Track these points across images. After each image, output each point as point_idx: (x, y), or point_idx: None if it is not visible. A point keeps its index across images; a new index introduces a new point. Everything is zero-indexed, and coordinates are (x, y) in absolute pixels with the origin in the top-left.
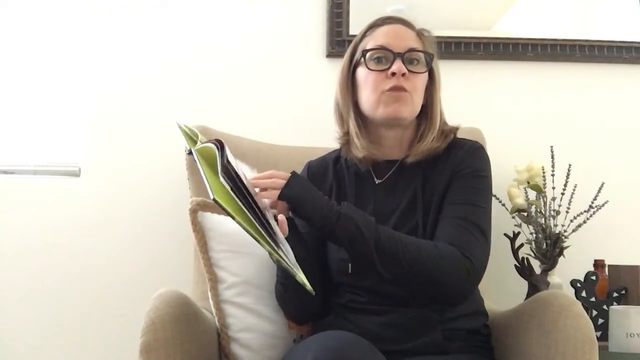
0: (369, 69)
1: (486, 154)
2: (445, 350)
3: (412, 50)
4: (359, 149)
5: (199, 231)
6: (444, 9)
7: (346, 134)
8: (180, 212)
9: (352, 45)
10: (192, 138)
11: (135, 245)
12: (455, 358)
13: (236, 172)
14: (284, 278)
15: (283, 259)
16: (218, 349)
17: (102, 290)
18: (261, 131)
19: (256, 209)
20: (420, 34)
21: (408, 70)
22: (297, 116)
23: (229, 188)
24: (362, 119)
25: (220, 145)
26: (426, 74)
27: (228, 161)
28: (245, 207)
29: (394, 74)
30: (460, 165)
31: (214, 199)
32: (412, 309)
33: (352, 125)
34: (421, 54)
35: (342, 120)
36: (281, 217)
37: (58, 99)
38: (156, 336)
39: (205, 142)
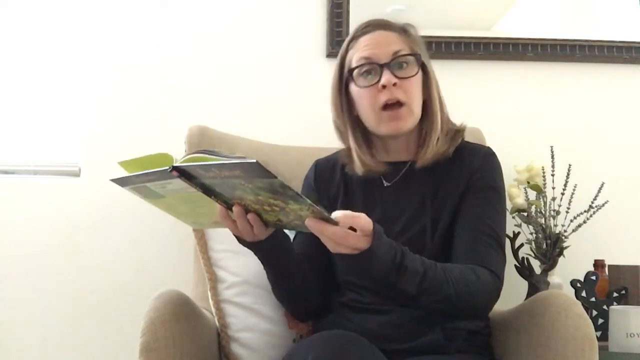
0: (359, 86)
1: (498, 159)
2: (445, 350)
3: (397, 55)
4: (359, 167)
5: (199, 231)
6: (444, 9)
7: (349, 149)
8: None
9: (338, 60)
10: (146, 164)
11: (135, 245)
12: (456, 358)
13: None
14: (273, 284)
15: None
16: (218, 348)
17: (102, 290)
18: (261, 131)
19: None
20: (403, 31)
21: (398, 77)
22: (297, 116)
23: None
24: (363, 131)
25: (209, 150)
26: (419, 74)
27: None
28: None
29: (384, 86)
30: (478, 172)
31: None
32: (413, 308)
33: (352, 142)
34: (408, 56)
35: (342, 137)
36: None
37: (58, 99)
38: (156, 336)
39: (189, 155)
